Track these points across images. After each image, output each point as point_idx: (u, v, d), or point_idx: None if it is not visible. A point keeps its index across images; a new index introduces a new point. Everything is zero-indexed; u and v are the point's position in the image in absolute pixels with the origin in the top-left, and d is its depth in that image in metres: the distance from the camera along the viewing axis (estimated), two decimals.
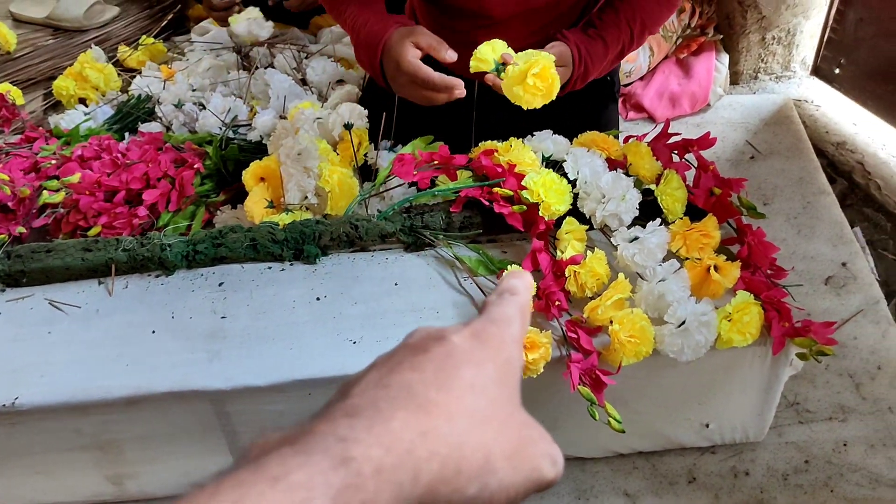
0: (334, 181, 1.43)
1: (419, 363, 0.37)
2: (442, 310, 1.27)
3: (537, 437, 0.39)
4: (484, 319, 0.42)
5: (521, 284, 0.46)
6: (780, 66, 2.24)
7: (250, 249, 1.36)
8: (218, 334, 1.26)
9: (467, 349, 0.39)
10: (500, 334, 0.41)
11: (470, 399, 0.36)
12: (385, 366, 0.38)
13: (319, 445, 0.32)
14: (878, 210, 1.87)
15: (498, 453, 0.35)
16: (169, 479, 1.38)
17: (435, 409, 0.34)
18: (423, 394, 0.35)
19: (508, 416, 0.37)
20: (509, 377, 0.39)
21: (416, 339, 0.40)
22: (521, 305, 0.44)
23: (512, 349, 0.41)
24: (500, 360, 0.39)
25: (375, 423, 0.33)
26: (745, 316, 1.17)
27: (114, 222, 1.62)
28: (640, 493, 1.36)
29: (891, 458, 1.37)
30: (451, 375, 0.36)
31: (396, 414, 0.33)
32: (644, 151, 1.34)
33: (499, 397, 0.37)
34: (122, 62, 2.32)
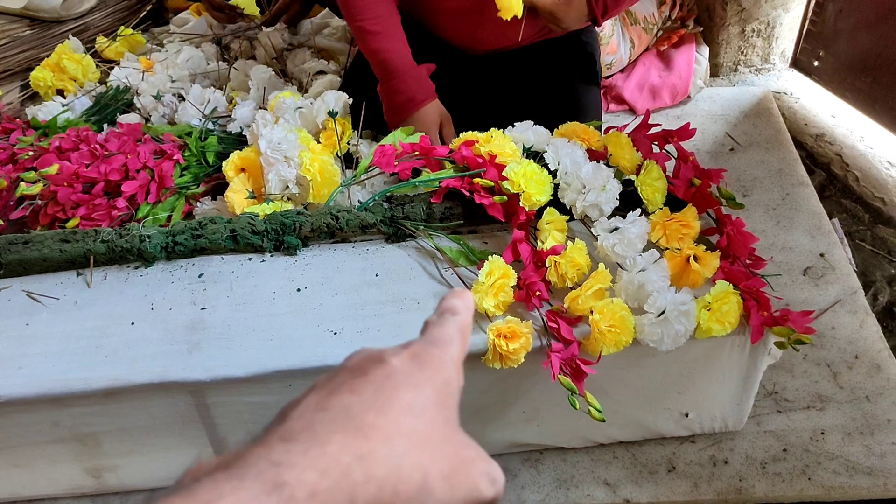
0: (315, 169, 1.43)
1: (358, 386, 0.37)
2: (422, 300, 1.27)
3: (475, 456, 0.38)
4: (424, 341, 0.42)
5: (462, 304, 0.47)
6: (759, 59, 2.25)
7: (230, 241, 1.35)
8: (198, 325, 1.26)
9: (406, 371, 0.39)
10: (439, 356, 0.41)
11: (408, 421, 0.36)
12: (324, 388, 0.38)
13: (252, 470, 0.32)
14: (855, 201, 1.89)
15: (435, 474, 0.35)
16: (148, 472, 1.38)
17: (372, 432, 0.34)
18: (362, 416, 0.35)
19: (446, 437, 0.38)
20: (447, 399, 0.40)
21: (356, 362, 0.40)
22: (461, 326, 0.45)
23: (450, 371, 0.41)
24: (438, 382, 0.39)
25: (311, 447, 0.33)
26: (724, 305, 1.18)
27: (92, 214, 1.61)
28: (620, 482, 1.36)
29: (868, 446, 1.38)
30: (390, 397, 0.37)
31: (333, 437, 0.34)
32: (624, 142, 1.34)
33: (436, 419, 0.38)
34: (101, 53, 2.30)
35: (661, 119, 2.07)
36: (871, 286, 1.69)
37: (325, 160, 1.44)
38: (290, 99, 1.62)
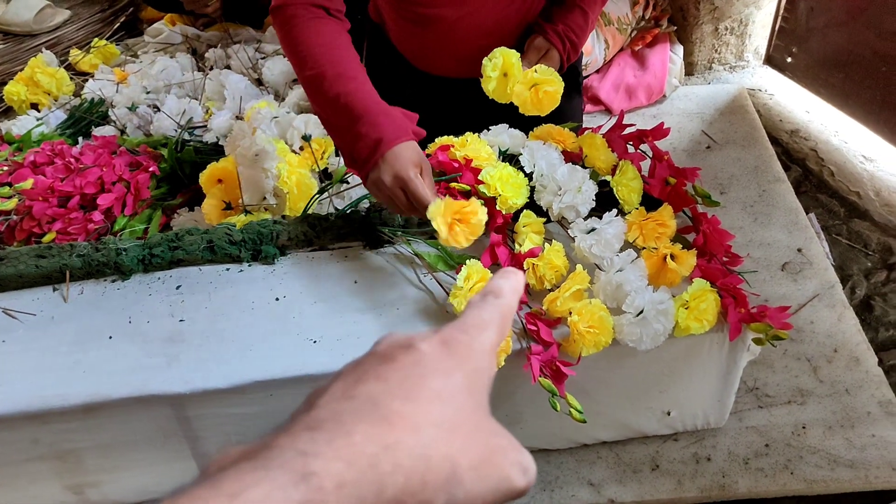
0: (293, 182, 1.43)
1: (385, 373, 0.36)
2: (402, 307, 1.27)
3: (507, 445, 0.37)
4: (456, 326, 0.40)
5: (507, 286, 0.44)
6: (733, 56, 2.27)
7: (207, 251, 1.35)
8: (176, 338, 1.25)
9: (435, 358, 0.38)
10: (469, 342, 0.39)
11: (436, 409, 0.35)
12: (351, 375, 0.37)
13: (278, 460, 0.31)
14: (831, 196, 1.90)
15: (465, 464, 0.34)
16: (131, 487, 1.37)
17: (400, 421, 0.33)
18: (388, 405, 0.34)
19: (476, 426, 0.36)
20: (478, 386, 0.38)
21: (384, 347, 0.39)
22: (502, 310, 0.42)
23: (481, 358, 0.39)
24: (468, 369, 0.38)
25: (337, 437, 0.32)
26: (702, 303, 1.18)
27: (68, 228, 1.60)
28: (605, 482, 1.37)
29: (848, 438, 1.39)
30: (418, 385, 0.36)
31: (359, 427, 0.33)
32: (599, 143, 1.35)
33: (466, 407, 0.36)
34: (75, 66, 2.29)
35: (638, 118, 2.08)
36: (848, 280, 1.71)
37: (302, 173, 1.44)
38: (265, 109, 1.62)
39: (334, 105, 1.21)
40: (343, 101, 1.19)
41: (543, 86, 1.34)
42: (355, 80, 1.22)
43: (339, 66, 1.22)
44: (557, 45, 1.45)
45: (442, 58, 1.53)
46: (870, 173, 1.92)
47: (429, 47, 1.52)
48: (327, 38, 1.25)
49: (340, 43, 1.26)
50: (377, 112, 1.18)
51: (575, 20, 1.46)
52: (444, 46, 1.50)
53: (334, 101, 1.20)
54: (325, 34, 1.25)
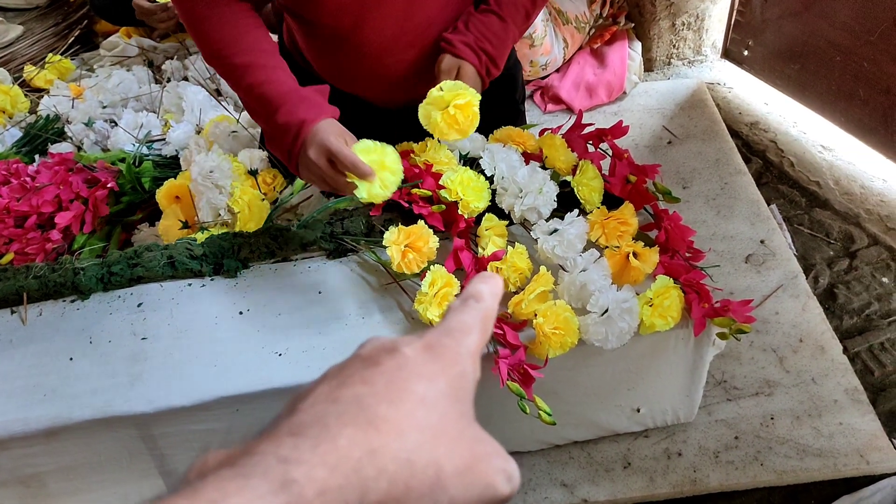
0: (244, 202, 1.42)
1: (370, 376, 0.36)
2: (367, 315, 1.26)
3: (491, 452, 0.37)
4: (440, 330, 0.40)
5: (487, 290, 0.44)
6: (691, 51, 2.29)
7: (168, 267, 1.33)
8: (139, 356, 1.23)
9: (420, 362, 0.37)
10: (454, 347, 0.39)
11: (421, 414, 0.35)
12: (335, 379, 0.36)
13: (259, 467, 0.30)
14: (792, 186, 1.92)
15: (449, 469, 0.34)
16: None
17: (384, 425, 0.33)
18: (373, 409, 0.34)
19: (460, 432, 0.36)
20: (462, 392, 0.38)
21: (368, 351, 0.38)
22: (483, 313, 0.42)
23: (466, 362, 0.39)
24: (452, 374, 0.38)
25: (321, 442, 0.32)
26: (666, 300, 1.18)
27: (26, 248, 1.57)
28: (577, 482, 1.37)
29: (816, 427, 1.41)
30: (402, 389, 0.35)
31: (344, 431, 0.32)
32: (559, 144, 1.35)
33: (451, 412, 0.36)
34: (29, 82, 2.25)
35: (599, 116, 2.09)
36: (811, 269, 1.72)
37: (255, 193, 1.43)
38: (223, 123, 1.60)
39: (250, 96, 1.21)
40: (257, 91, 1.19)
41: (454, 101, 1.19)
42: (266, 67, 1.20)
43: (248, 54, 1.20)
44: (469, 58, 1.29)
45: (365, 79, 1.39)
46: (829, 163, 1.94)
47: (346, 68, 1.38)
48: (234, 24, 1.21)
49: (247, 26, 1.22)
50: (293, 99, 1.18)
51: (490, 28, 1.30)
52: (359, 65, 1.35)
53: (249, 93, 1.20)
54: (230, 19, 1.21)
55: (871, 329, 1.60)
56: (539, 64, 2.09)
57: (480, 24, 1.29)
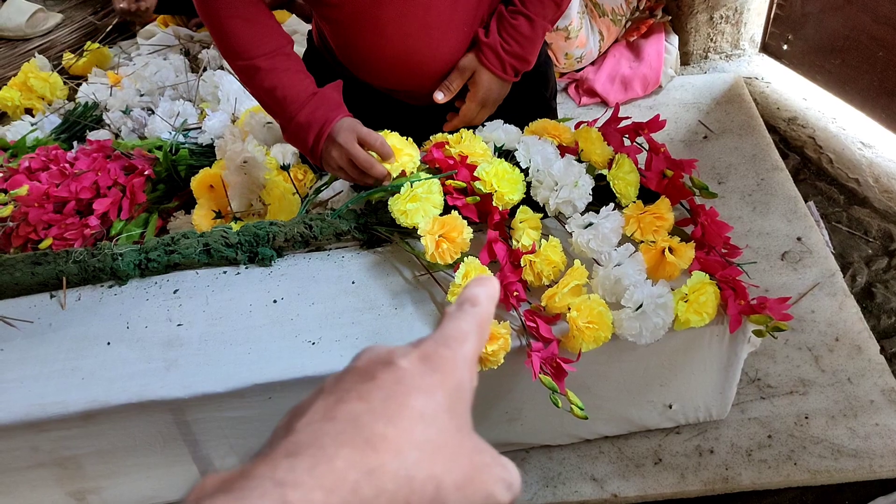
0: (276, 195, 1.43)
1: (367, 392, 0.35)
2: (400, 307, 1.26)
3: (490, 462, 0.37)
4: (436, 339, 0.40)
5: (484, 294, 0.43)
6: (729, 45, 2.26)
7: (204, 255, 1.34)
8: (174, 342, 1.24)
9: (416, 375, 0.37)
10: (451, 357, 0.39)
11: (419, 430, 0.34)
12: (332, 395, 0.36)
13: (256, 491, 0.30)
14: (830, 183, 1.89)
15: (449, 484, 0.34)
16: (132, 493, 1.36)
17: (382, 444, 0.33)
18: (370, 427, 0.34)
19: (459, 445, 0.36)
20: (460, 403, 0.38)
21: (364, 363, 0.38)
22: (479, 319, 0.42)
23: (463, 372, 0.39)
24: (450, 386, 0.37)
25: (318, 463, 0.32)
26: (702, 296, 1.17)
27: (65, 233, 1.59)
28: (607, 477, 1.36)
29: (851, 428, 1.39)
30: (400, 405, 0.35)
31: (341, 451, 0.32)
32: (595, 137, 1.34)
33: (449, 426, 0.36)
34: (68, 69, 2.28)
35: (634, 110, 2.07)
36: (849, 268, 1.70)
37: (286, 187, 1.44)
38: (259, 115, 1.61)
39: (271, 98, 1.28)
40: (280, 94, 1.27)
41: None
42: (288, 71, 1.27)
43: (271, 58, 1.27)
44: (491, 65, 1.32)
45: (389, 69, 1.37)
46: (868, 160, 1.91)
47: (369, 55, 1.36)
48: (255, 25, 1.26)
49: (267, 27, 1.28)
50: (315, 101, 1.27)
51: (519, 30, 1.31)
52: (381, 51, 1.33)
53: (270, 95, 1.28)
54: (251, 20, 1.25)
55: None
56: (574, 56, 2.08)
57: (509, 26, 1.32)
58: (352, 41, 1.35)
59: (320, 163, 1.29)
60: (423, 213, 1.26)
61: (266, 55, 1.27)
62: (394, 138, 1.29)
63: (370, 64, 1.37)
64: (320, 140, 1.25)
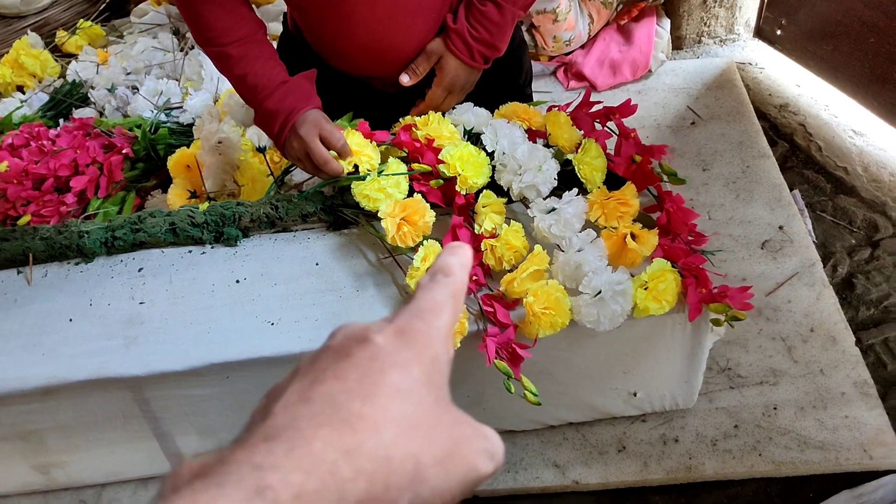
0: (249, 176, 1.43)
1: (342, 370, 0.35)
2: (362, 289, 1.26)
3: (470, 434, 0.36)
4: (410, 312, 0.39)
5: (456, 263, 0.42)
6: (723, 29, 2.22)
7: (170, 234, 1.34)
8: (135, 320, 1.25)
9: (392, 350, 0.36)
10: (426, 330, 0.38)
11: (396, 406, 0.34)
12: (308, 375, 0.35)
13: (233, 476, 0.30)
14: (818, 172, 1.86)
15: (428, 460, 0.34)
16: (96, 468, 1.38)
17: (359, 423, 0.32)
18: (347, 406, 0.33)
19: (438, 419, 0.35)
20: (437, 375, 0.37)
21: (339, 341, 0.37)
22: (454, 288, 0.41)
23: (438, 345, 0.38)
24: (426, 359, 0.37)
25: (295, 446, 0.31)
26: (661, 283, 1.16)
27: (42, 210, 1.60)
28: (570, 464, 1.36)
29: (820, 419, 1.37)
30: (376, 382, 0.34)
31: (318, 433, 0.32)
32: (563, 121, 1.32)
33: (426, 399, 0.35)
34: (61, 47, 2.28)
35: (622, 94, 2.05)
36: (830, 257, 1.67)
37: (260, 168, 1.44)
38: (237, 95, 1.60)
39: (242, 85, 1.29)
40: (251, 81, 1.26)
41: None
42: (259, 58, 1.27)
43: (242, 45, 1.26)
44: (458, 51, 1.30)
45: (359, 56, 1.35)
46: (859, 148, 1.88)
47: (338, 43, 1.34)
48: (229, 12, 1.25)
49: (240, 14, 1.27)
50: (281, 89, 1.26)
51: (487, 16, 1.28)
52: (351, 38, 1.31)
53: (241, 82, 1.28)
54: (225, 6, 1.25)
55: (888, 321, 1.55)
56: (563, 39, 2.06)
57: (478, 12, 1.28)
58: (320, 27, 1.34)
59: (283, 151, 1.29)
60: (387, 196, 1.26)
61: (237, 42, 1.26)
62: (356, 137, 1.28)
63: (339, 50, 1.36)
64: (284, 129, 1.25)
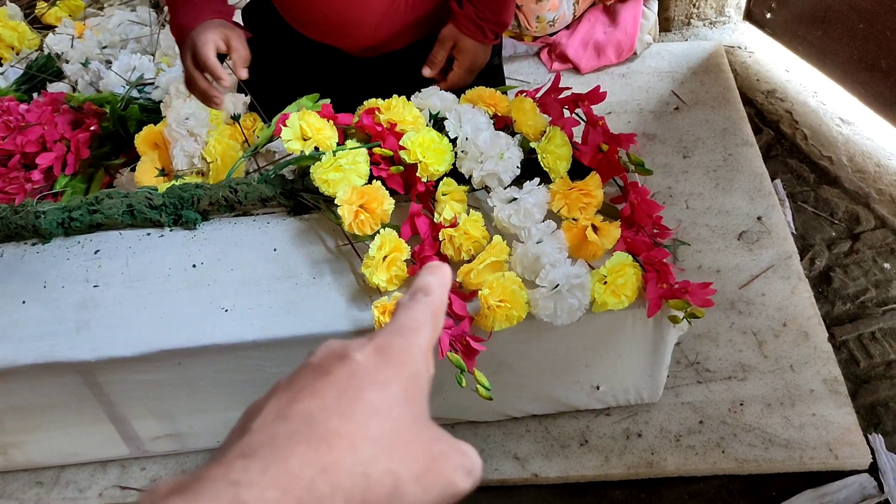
0: (218, 152, 1.40)
1: (320, 388, 0.35)
2: (318, 276, 1.24)
3: (448, 451, 0.36)
4: (390, 329, 0.40)
5: (436, 282, 0.43)
6: (713, 11, 2.17)
7: (127, 215, 1.32)
8: (88, 304, 1.23)
9: (371, 368, 0.36)
10: (406, 347, 0.38)
11: (374, 424, 0.34)
12: (286, 393, 0.36)
13: (209, 493, 0.30)
14: (802, 161, 1.82)
15: (406, 476, 0.34)
16: (53, 449, 1.37)
17: (337, 441, 0.33)
18: (325, 424, 0.33)
19: (416, 436, 0.36)
20: (416, 393, 0.37)
21: (319, 359, 0.38)
22: (433, 308, 0.42)
23: (418, 362, 0.38)
24: (405, 376, 0.37)
25: (272, 464, 0.31)
26: (620, 278, 1.13)
27: (7, 188, 1.58)
28: (530, 456, 1.34)
29: (787, 417, 1.35)
30: (354, 399, 0.35)
31: (295, 450, 0.32)
32: (528, 108, 1.29)
33: (404, 417, 0.36)
34: (41, 18, 2.25)
35: (606, 77, 2.00)
36: (809, 250, 1.64)
37: (229, 144, 1.41)
38: None
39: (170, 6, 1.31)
40: None
41: None
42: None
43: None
44: (469, 32, 1.34)
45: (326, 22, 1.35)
46: (845, 137, 1.84)
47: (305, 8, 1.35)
48: None
49: None
50: (178, 3, 1.28)
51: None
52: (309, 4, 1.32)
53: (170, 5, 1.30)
54: None
55: (863, 317, 1.52)
56: (546, 20, 2.01)
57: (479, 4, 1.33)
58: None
59: None
60: (347, 182, 1.23)
61: None
62: (312, 118, 1.25)
63: (301, 17, 1.34)
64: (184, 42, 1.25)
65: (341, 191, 1.20)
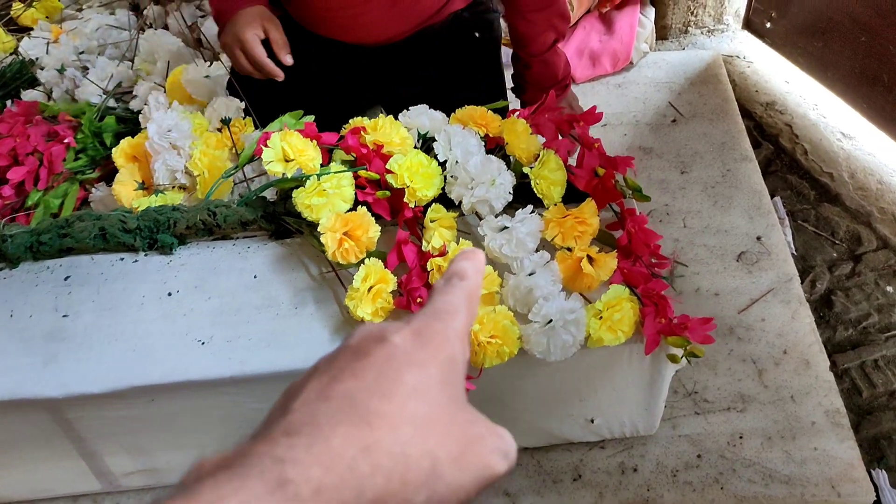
0: (204, 164, 1.33)
1: (360, 370, 0.36)
2: (301, 305, 1.18)
3: (485, 433, 0.37)
4: (427, 313, 0.40)
5: (471, 267, 0.44)
6: (711, 19, 2.11)
7: (100, 239, 1.26)
8: (57, 335, 1.17)
9: (409, 350, 0.37)
10: (443, 330, 0.39)
11: (413, 405, 0.35)
12: (326, 373, 0.36)
13: (256, 468, 0.31)
14: (802, 177, 1.77)
15: (444, 458, 0.34)
16: (22, 485, 1.31)
17: (377, 421, 0.33)
18: (365, 404, 0.34)
19: (453, 417, 0.36)
20: (453, 376, 0.38)
21: (357, 341, 0.38)
22: (468, 292, 0.43)
23: (455, 345, 0.39)
24: (442, 359, 0.37)
25: (315, 442, 0.32)
26: (617, 313, 1.08)
27: None
28: (522, 493, 1.29)
29: (788, 451, 1.30)
30: (393, 381, 0.35)
31: (337, 429, 0.33)
32: (521, 129, 1.23)
33: (442, 399, 0.36)
34: (17, 20, 2.17)
35: (601, 87, 1.94)
36: (810, 272, 1.59)
37: (216, 155, 1.34)
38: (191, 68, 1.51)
39: None
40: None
41: None
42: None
43: None
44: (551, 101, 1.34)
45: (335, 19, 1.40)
46: (847, 152, 1.79)
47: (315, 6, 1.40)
48: None
49: None
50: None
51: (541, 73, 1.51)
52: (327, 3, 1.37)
53: None
54: None
55: (865, 343, 1.47)
56: None
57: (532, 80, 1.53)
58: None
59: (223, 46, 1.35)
60: (331, 207, 1.17)
61: None
62: (295, 138, 1.19)
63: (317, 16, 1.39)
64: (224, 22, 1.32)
65: (325, 217, 1.14)
